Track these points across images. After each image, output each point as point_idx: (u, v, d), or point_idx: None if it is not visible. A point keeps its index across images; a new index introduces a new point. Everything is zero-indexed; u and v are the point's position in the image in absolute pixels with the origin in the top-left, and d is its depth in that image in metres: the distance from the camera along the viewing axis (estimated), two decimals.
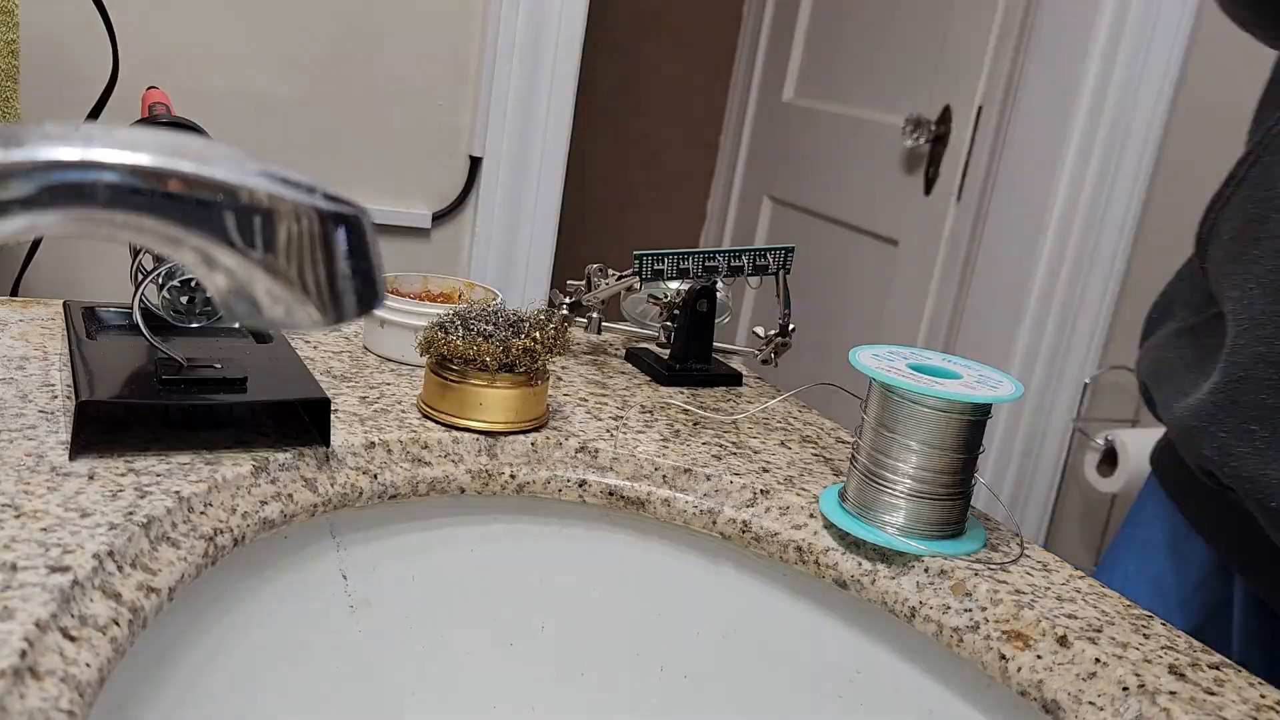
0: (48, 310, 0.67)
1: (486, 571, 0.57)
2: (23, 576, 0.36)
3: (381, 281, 0.29)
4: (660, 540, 0.57)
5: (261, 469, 0.48)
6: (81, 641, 0.35)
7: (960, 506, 0.50)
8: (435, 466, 0.54)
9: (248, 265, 0.27)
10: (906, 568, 0.49)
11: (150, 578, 0.40)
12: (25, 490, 0.42)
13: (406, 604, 0.55)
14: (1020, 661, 0.44)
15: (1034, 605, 0.46)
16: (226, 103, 1.44)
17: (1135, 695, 0.41)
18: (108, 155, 0.25)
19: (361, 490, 0.51)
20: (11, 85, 1.15)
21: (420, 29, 1.58)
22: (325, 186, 0.27)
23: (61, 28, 1.35)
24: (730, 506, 0.54)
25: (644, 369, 0.73)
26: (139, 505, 0.42)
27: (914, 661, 0.49)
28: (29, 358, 0.57)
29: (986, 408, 0.48)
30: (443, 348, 0.55)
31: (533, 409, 0.57)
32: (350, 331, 0.72)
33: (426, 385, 0.57)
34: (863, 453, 0.50)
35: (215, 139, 0.33)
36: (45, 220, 0.25)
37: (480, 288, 0.74)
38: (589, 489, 0.56)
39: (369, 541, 0.54)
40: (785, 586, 0.54)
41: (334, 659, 0.53)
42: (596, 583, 0.58)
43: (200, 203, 0.26)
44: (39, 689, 0.32)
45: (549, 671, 0.58)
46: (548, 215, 1.75)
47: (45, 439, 0.47)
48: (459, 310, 0.57)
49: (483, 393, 0.55)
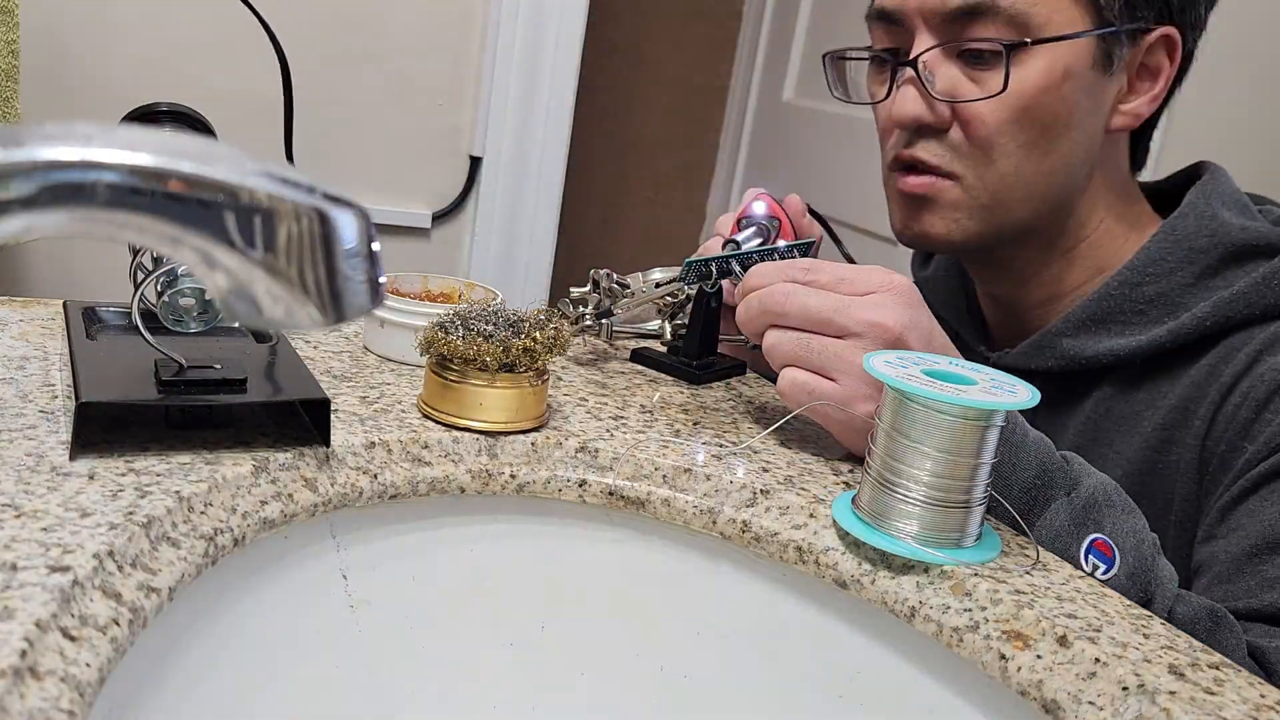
0: (48, 310, 0.67)
1: (486, 571, 0.57)
2: (23, 576, 0.36)
3: (381, 281, 0.29)
4: (660, 540, 0.57)
5: (261, 469, 0.48)
6: (81, 641, 0.35)
7: (977, 514, 0.50)
8: (435, 466, 0.54)
9: (248, 265, 0.27)
10: (907, 568, 0.49)
11: (150, 578, 0.40)
12: (25, 490, 0.42)
13: (406, 604, 0.55)
14: (1020, 661, 0.44)
15: (1034, 605, 0.46)
16: (226, 103, 1.44)
17: (1135, 695, 0.41)
18: (107, 155, 0.25)
19: (361, 490, 0.51)
20: (11, 85, 1.15)
21: (420, 29, 1.58)
22: (325, 186, 0.27)
23: (61, 28, 1.35)
24: (730, 506, 0.54)
25: (664, 369, 0.73)
26: (139, 505, 0.42)
27: (914, 661, 0.49)
28: (29, 358, 0.57)
29: (1003, 414, 0.48)
30: (443, 348, 0.55)
31: (533, 409, 0.57)
32: (350, 331, 0.72)
33: (427, 385, 0.57)
34: (876, 459, 0.50)
35: (216, 138, 0.33)
36: (45, 220, 0.25)
37: (480, 288, 0.74)
38: (589, 489, 0.56)
39: (369, 541, 0.54)
40: (785, 586, 0.54)
41: (334, 659, 0.53)
42: (596, 582, 0.58)
43: (200, 203, 0.26)
44: (39, 689, 0.32)
45: (549, 671, 0.58)
46: (548, 215, 1.75)
47: (45, 439, 0.47)
48: (459, 310, 0.57)
49: (483, 392, 0.55)
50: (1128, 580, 0.55)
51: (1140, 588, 0.55)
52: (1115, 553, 0.55)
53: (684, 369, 0.72)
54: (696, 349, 0.72)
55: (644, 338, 0.78)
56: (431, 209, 1.66)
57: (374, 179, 1.62)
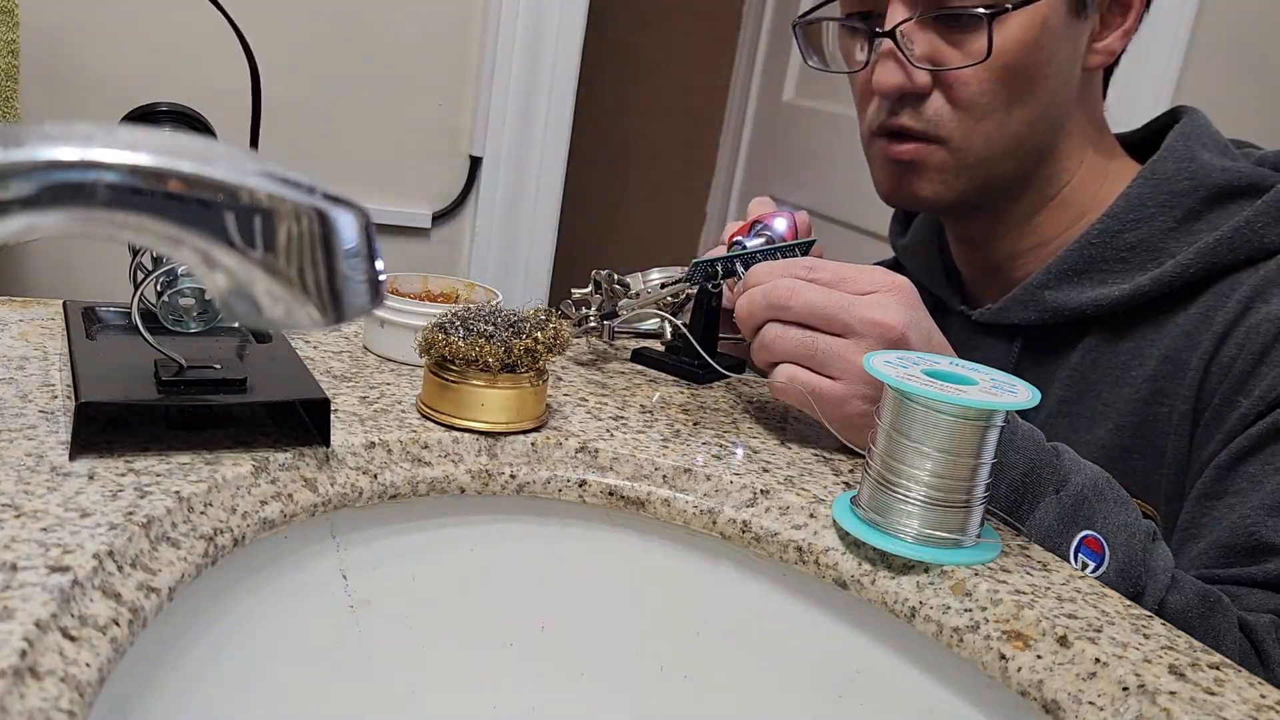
0: (48, 310, 0.67)
1: (486, 571, 0.57)
2: (23, 576, 0.36)
3: (381, 281, 0.29)
4: (660, 540, 0.57)
5: (261, 469, 0.48)
6: (81, 641, 0.35)
7: (977, 513, 0.50)
8: (435, 466, 0.54)
9: (248, 265, 0.27)
10: (907, 568, 0.49)
11: (150, 578, 0.40)
12: (25, 490, 0.42)
13: (406, 604, 0.55)
14: (1020, 661, 0.44)
15: (1034, 605, 0.46)
16: (227, 103, 1.44)
17: (1135, 695, 0.41)
18: (107, 155, 0.25)
19: (361, 490, 0.51)
20: (11, 85, 1.15)
21: (420, 29, 1.58)
22: (325, 186, 0.27)
23: (62, 28, 1.35)
24: (730, 506, 0.54)
25: (665, 369, 0.73)
26: (139, 505, 0.42)
27: (914, 661, 0.49)
28: (29, 358, 0.57)
29: (1003, 414, 0.48)
30: (444, 349, 0.55)
31: (533, 409, 0.57)
32: (350, 331, 0.72)
33: (426, 386, 0.57)
34: (876, 459, 0.50)
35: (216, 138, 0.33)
36: (45, 220, 0.25)
37: (480, 288, 0.74)
38: (589, 489, 0.56)
39: (369, 541, 0.54)
40: (785, 586, 0.54)
41: (334, 659, 0.53)
42: (596, 583, 0.58)
43: (200, 203, 0.26)
44: (39, 689, 0.32)
45: (549, 671, 0.58)
46: (548, 215, 1.75)
47: (45, 439, 0.47)
48: (458, 311, 0.57)
49: (483, 393, 0.55)
50: (1117, 576, 0.54)
51: (1131, 581, 0.55)
52: (1105, 549, 0.55)
53: (687, 368, 0.72)
54: (702, 347, 0.72)
55: (644, 337, 0.78)
56: (431, 209, 1.66)
57: (374, 179, 1.62)
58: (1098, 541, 0.55)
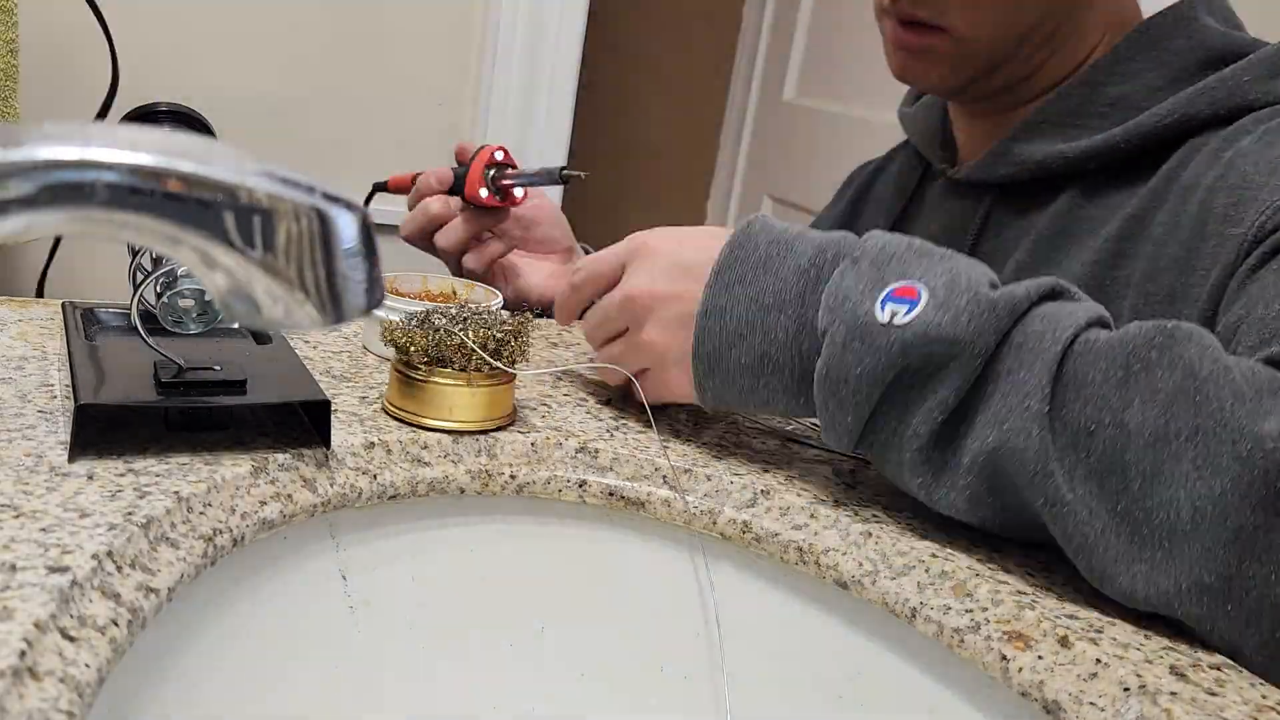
0: (47, 310, 0.67)
1: (486, 571, 0.57)
2: (22, 576, 0.36)
3: (381, 281, 0.29)
4: (660, 540, 0.57)
5: (261, 469, 0.48)
6: (81, 642, 0.35)
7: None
8: (435, 466, 0.54)
9: (247, 265, 0.27)
10: (907, 568, 0.49)
11: (149, 578, 0.40)
12: (24, 490, 0.42)
13: (406, 604, 0.55)
14: (1021, 662, 0.44)
15: (1035, 606, 0.46)
16: (226, 103, 1.44)
17: (1136, 696, 0.40)
18: (107, 155, 0.25)
19: (361, 490, 0.51)
20: (11, 85, 1.15)
21: (420, 29, 1.58)
22: (325, 186, 0.27)
23: (61, 27, 1.35)
24: (730, 506, 0.54)
25: None
26: (138, 505, 0.42)
27: (915, 662, 0.49)
28: (28, 358, 0.57)
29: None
30: (408, 345, 0.54)
31: (498, 407, 0.57)
32: (350, 331, 0.72)
33: (391, 384, 0.57)
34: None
35: (216, 138, 0.33)
36: (45, 220, 0.25)
37: (479, 288, 0.74)
38: (589, 489, 0.56)
39: (369, 541, 0.54)
40: (785, 586, 0.54)
41: (334, 659, 0.53)
42: (596, 583, 0.58)
43: (200, 202, 0.26)
44: (38, 689, 0.32)
45: (549, 671, 0.58)
46: None
47: (44, 439, 0.47)
48: (426, 309, 0.57)
49: (447, 391, 0.55)
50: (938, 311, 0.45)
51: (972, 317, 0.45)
52: (922, 291, 0.46)
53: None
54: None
55: None
56: None
57: (374, 179, 1.62)
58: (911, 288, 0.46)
